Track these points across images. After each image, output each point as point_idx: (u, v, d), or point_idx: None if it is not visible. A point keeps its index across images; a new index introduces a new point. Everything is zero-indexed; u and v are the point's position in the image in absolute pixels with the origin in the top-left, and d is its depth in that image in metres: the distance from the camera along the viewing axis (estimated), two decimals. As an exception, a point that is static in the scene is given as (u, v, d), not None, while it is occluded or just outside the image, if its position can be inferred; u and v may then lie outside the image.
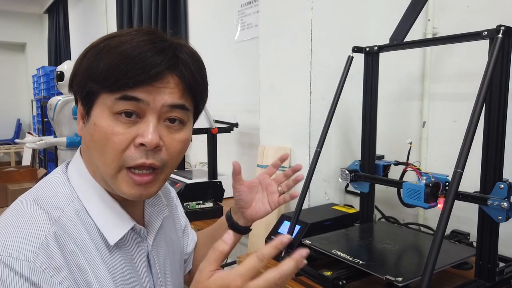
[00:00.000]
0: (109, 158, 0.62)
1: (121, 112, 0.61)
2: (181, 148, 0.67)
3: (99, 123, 0.62)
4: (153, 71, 0.60)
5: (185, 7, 3.04)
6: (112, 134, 0.61)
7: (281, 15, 1.62)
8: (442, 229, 0.84)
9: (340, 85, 1.29)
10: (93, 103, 0.63)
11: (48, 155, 5.48)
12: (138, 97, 0.60)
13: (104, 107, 0.62)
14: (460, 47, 1.33)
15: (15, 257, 0.54)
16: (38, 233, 0.57)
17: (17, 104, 8.32)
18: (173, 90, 0.63)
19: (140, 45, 0.60)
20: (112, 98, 0.61)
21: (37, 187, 0.67)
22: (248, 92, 2.38)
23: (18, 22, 8.03)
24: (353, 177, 1.36)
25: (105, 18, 4.75)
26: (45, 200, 0.63)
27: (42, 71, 5.81)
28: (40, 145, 3.00)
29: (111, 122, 0.61)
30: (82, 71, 0.63)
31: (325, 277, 1.02)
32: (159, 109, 0.62)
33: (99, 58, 0.61)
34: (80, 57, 0.65)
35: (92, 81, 0.62)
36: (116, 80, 0.60)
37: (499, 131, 0.98)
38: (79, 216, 0.64)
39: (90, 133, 0.64)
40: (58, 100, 3.14)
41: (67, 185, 0.66)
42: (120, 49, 0.60)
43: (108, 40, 0.63)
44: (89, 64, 0.62)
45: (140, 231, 0.72)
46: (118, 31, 0.66)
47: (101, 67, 0.60)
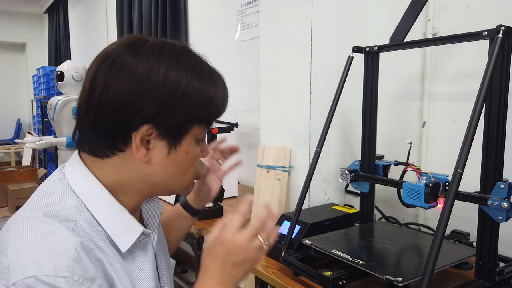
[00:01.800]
0: (191, 176, 0.72)
1: (202, 138, 0.72)
2: None
3: (192, 151, 0.69)
4: (226, 105, 0.75)
5: (185, 7, 3.05)
6: (198, 156, 0.72)
7: (281, 15, 1.62)
8: (442, 229, 0.84)
9: (340, 85, 1.29)
10: (185, 132, 0.67)
11: (48, 155, 5.48)
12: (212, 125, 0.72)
13: (193, 136, 0.68)
14: (460, 47, 1.33)
15: (53, 275, 0.54)
16: (66, 246, 0.58)
17: (17, 104, 8.32)
18: None
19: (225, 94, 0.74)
20: (202, 128, 0.69)
21: (40, 202, 0.64)
22: (248, 92, 2.38)
23: (18, 22, 8.03)
24: (353, 177, 1.36)
25: (105, 18, 4.75)
26: (56, 214, 0.62)
27: (42, 71, 5.81)
28: (40, 145, 3.00)
29: (197, 148, 0.71)
30: (185, 112, 0.65)
31: (325, 277, 1.02)
32: None
33: (213, 90, 0.68)
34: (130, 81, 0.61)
35: (205, 112, 0.68)
36: (210, 116, 0.70)
37: (499, 131, 0.98)
38: (92, 226, 0.64)
39: (179, 160, 0.68)
40: (58, 100, 3.14)
41: (73, 195, 0.65)
42: (220, 97, 0.70)
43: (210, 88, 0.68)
44: (203, 94, 0.66)
45: (146, 232, 0.73)
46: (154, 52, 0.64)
47: (218, 101, 0.70)
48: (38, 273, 0.54)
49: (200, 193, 0.97)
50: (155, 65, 0.62)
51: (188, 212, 0.98)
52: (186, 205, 0.97)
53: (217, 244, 0.67)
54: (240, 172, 2.50)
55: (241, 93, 2.46)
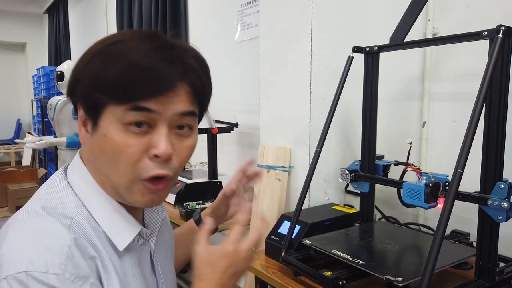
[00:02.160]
0: (123, 170, 0.62)
1: (131, 123, 0.60)
2: (190, 154, 0.67)
3: (110, 135, 0.61)
4: (165, 83, 0.60)
5: (185, 7, 3.04)
6: (125, 146, 0.60)
7: (281, 15, 1.62)
8: (442, 229, 0.84)
9: (340, 85, 1.29)
10: (100, 113, 0.61)
11: (48, 155, 5.48)
12: (149, 107, 0.59)
13: (113, 118, 0.60)
14: (460, 47, 1.33)
15: (45, 271, 0.54)
16: (60, 243, 0.58)
17: (17, 104, 8.32)
18: (183, 98, 0.63)
19: (148, 54, 0.59)
20: (122, 109, 0.59)
21: (40, 196, 0.66)
22: (248, 92, 2.38)
23: (18, 22, 8.03)
24: (353, 177, 1.36)
25: (105, 18, 4.75)
26: (53, 209, 0.62)
27: (42, 71, 5.81)
28: (40, 145, 3.00)
29: (122, 134, 0.60)
30: (87, 79, 0.61)
31: (325, 277, 1.02)
32: (169, 117, 0.62)
33: (106, 67, 0.59)
34: (81, 62, 0.63)
35: (100, 91, 0.60)
36: (128, 91, 0.59)
37: (499, 131, 0.98)
38: (90, 223, 0.64)
39: (100, 144, 0.62)
40: (58, 100, 3.14)
41: (71, 193, 0.66)
42: (128, 58, 0.59)
43: (112, 46, 0.61)
44: (95, 73, 0.60)
45: (144, 233, 0.73)
46: (119, 34, 0.64)
47: (110, 77, 0.59)
48: (29, 268, 0.54)
49: (217, 211, 0.94)
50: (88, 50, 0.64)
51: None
52: (199, 221, 0.95)
53: (220, 256, 0.66)
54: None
55: (241, 93, 2.47)
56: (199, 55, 0.67)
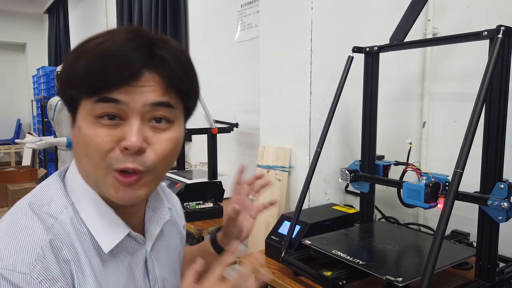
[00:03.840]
0: (95, 160, 0.61)
1: (102, 115, 0.59)
2: (171, 147, 0.64)
3: (83, 128, 0.61)
4: (128, 70, 0.58)
5: (185, 7, 3.04)
6: (95, 135, 0.59)
7: (281, 15, 1.62)
8: (442, 229, 0.84)
9: (340, 85, 1.29)
10: (77, 108, 0.62)
11: (48, 155, 5.48)
12: (116, 98, 0.58)
13: (85, 111, 0.60)
14: (460, 47, 1.33)
15: (11, 269, 0.54)
16: (34, 243, 0.57)
17: (17, 104, 8.32)
18: (154, 88, 0.60)
19: (115, 44, 0.58)
20: (91, 102, 0.59)
21: (32, 193, 0.66)
22: (248, 92, 2.38)
23: (18, 22, 8.03)
24: (353, 177, 1.36)
25: (105, 18, 4.75)
26: (40, 207, 0.62)
27: (42, 71, 5.81)
28: (40, 145, 3.00)
29: (93, 126, 0.60)
30: (63, 77, 0.62)
31: (325, 277, 1.02)
32: (140, 109, 0.60)
33: (75, 63, 0.59)
34: (63, 63, 0.64)
35: (71, 86, 0.61)
36: (92, 83, 0.58)
37: (499, 131, 0.98)
38: (73, 224, 0.63)
39: (77, 137, 0.63)
40: (58, 100, 3.14)
41: (62, 191, 0.66)
42: (95, 51, 0.58)
43: (87, 43, 0.61)
44: (67, 70, 0.61)
45: (137, 237, 0.71)
46: (100, 33, 0.63)
47: (77, 72, 0.59)
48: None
49: (229, 235, 0.93)
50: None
51: (216, 251, 0.93)
52: (214, 243, 0.94)
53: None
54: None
55: (241, 93, 2.46)
56: (177, 47, 0.64)
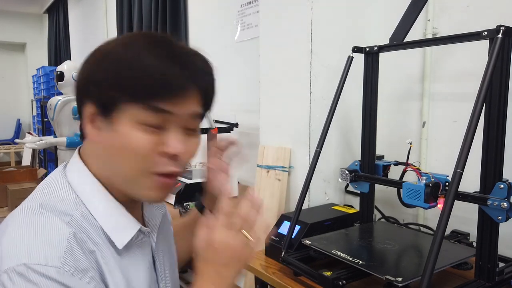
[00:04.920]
0: (134, 163, 0.63)
1: (145, 121, 0.62)
2: (196, 151, 0.70)
3: (124, 131, 0.62)
4: (178, 86, 0.62)
5: (185, 7, 3.04)
6: (136, 140, 0.62)
7: (281, 15, 1.62)
8: (442, 229, 0.84)
9: (340, 85, 1.29)
10: (113, 111, 0.63)
11: (48, 155, 5.48)
12: (163, 108, 0.62)
13: (128, 115, 0.62)
14: (460, 47, 1.33)
15: (44, 264, 0.55)
16: (59, 237, 0.59)
17: (17, 104, 8.32)
18: (194, 100, 0.65)
19: (163, 57, 0.62)
20: (137, 108, 0.62)
21: (39, 193, 0.66)
22: (248, 92, 2.38)
23: (18, 22, 8.03)
24: (353, 177, 1.36)
25: (105, 18, 4.75)
26: (52, 206, 0.63)
27: (42, 71, 5.81)
28: (40, 145, 3.00)
29: (135, 130, 0.62)
30: (100, 78, 0.63)
31: (325, 277, 1.02)
32: (184, 119, 0.65)
33: (121, 68, 0.62)
34: (91, 63, 0.65)
35: (116, 90, 0.62)
36: (145, 92, 0.61)
37: (499, 131, 0.98)
38: (88, 220, 0.64)
39: (112, 140, 0.64)
40: (58, 100, 3.14)
41: (70, 191, 0.67)
42: (145, 62, 0.61)
43: (126, 49, 0.63)
44: (112, 72, 0.62)
45: (144, 230, 0.73)
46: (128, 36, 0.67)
47: (127, 77, 0.61)
48: (29, 261, 0.55)
49: (213, 199, 0.94)
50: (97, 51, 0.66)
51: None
52: (201, 209, 0.95)
53: (206, 247, 0.66)
54: (240, 172, 2.50)
55: (241, 93, 2.46)
56: (206, 59, 0.70)
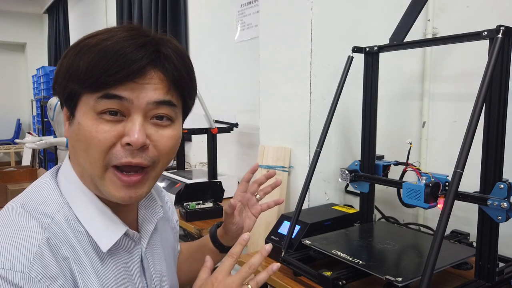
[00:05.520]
0: (95, 157, 0.60)
1: (105, 111, 0.59)
2: (171, 144, 0.65)
3: (83, 122, 0.60)
4: (133, 67, 0.58)
5: (185, 7, 3.04)
6: (96, 132, 0.59)
7: (281, 15, 1.62)
8: (442, 229, 0.84)
9: (340, 85, 1.29)
10: (76, 104, 0.61)
11: (48, 155, 5.48)
12: (120, 95, 0.58)
13: (87, 107, 0.60)
14: (460, 47, 1.33)
15: (9, 268, 0.53)
16: (31, 242, 0.56)
17: (17, 104, 8.32)
18: (157, 86, 0.61)
19: (119, 41, 0.58)
20: (94, 98, 0.59)
21: (24, 194, 0.65)
22: (248, 92, 2.38)
23: (18, 22, 8.03)
24: (353, 177, 1.36)
25: (105, 18, 4.75)
26: (34, 206, 0.61)
27: (42, 71, 5.81)
28: (40, 145, 3.00)
29: (95, 121, 0.59)
30: (62, 72, 0.61)
31: (325, 277, 1.02)
32: (144, 106, 0.60)
33: (78, 57, 0.59)
34: (61, 58, 0.63)
35: (73, 81, 0.60)
36: (96, 79, 0.57)
37: (499, 131, 0.98)
38: (69, 223, 0.62)
39: (75, 133, 0.62)
40: (58, 100, 3.14)
41: (56, 191, 0.65)
42: (99, 47, 0.58)
43: (88, 39, 0.61)
44: (69, 64, 0.60)
45: (133, 236, 0.71)
46: (100, 30, 0.63)
47: (81, 66, 0.58)
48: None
49: (229, 232, 0.92)
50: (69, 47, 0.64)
51: (216, 247, 0.94)
52: (214, 239, 0.94)
53: (206, 285, 0.66)
54: (240, 172, 2.50)
55: (241, 93, 2.46)
56: (178, 46, 0.65)
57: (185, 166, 2.61)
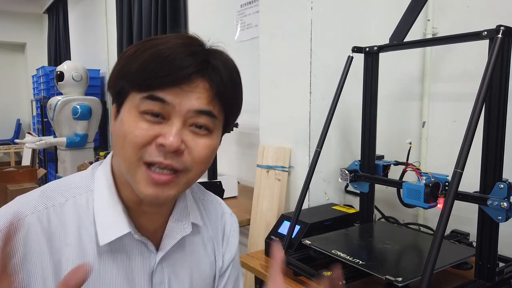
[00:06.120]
0: (129, 151, 0.62)
1: (147, 112, 0.61)
2: (206, 154, 0.65)
3: (125, 118, 0.63)
4: (181, 73, 0.60)
5: (185, 7, 3.04)
6: (135, 128, 0.61)
7: (281, 15, 1.62)
8: (442, 229, 0.84)
9: (340, 85, 1.29)
10: (123, 101, 0.64)
11: (48, 155, 5.47)
12: (164, 98, 0.60)
13: (132, 105, 0.62)
14: (460, 47, 1.33)
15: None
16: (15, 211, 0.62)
17: (17, 104, 8.31)
18: (201, 95, 0.62)
19: (173, 47, 0.61)
20: (139, 97, 0.61)
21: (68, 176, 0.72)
22: (248, 92, 2.36)
23: (18, 22, 8.03)
24: (353, 177, 1.36)
25: (105, 18, 4.75)
26: (59, 186, 0.67)
27: (42, 71, 5.80)
28: (40, 145, 3.01)
29: (136, 118, 0.62)
30: (117, 70, 0.65)
31: (325, 277, 1.02)
32: (184, 113, 0.62)
33: (133, 58, 0.62)
34: (120, 56, 0.67)
35: (124, 79, 0.63)
36: (145, 79, 0.60)
37: (499, 131, 0.98)
38: (83, 210, 0.66)
39: (117, 129, 0.65)
40: (58, 100, 3.14)
41: (88, 180, 0.69)
42: (153, 50, 0.61)
43: (146, 42, 0.64)
44: (123, 64, 0.63)
45: (146, 243, 0.69)
46: (159, 35, 0.66)
47: (133, 67, 0.61)
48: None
49: None
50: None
51: None
52: None
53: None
54: (240, 172, 2.50)
55: (241, 93, 2.46)
56: (229, 59, 0.67)
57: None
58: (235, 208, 1.94)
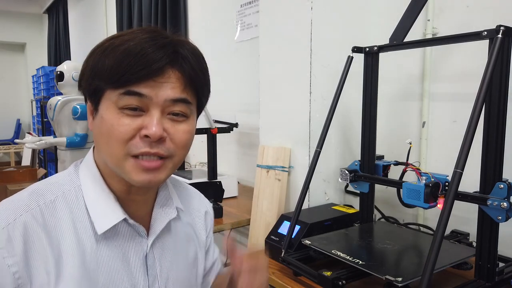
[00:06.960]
0: (115, 147, 0.65)
1: (126, 107, 0.64)
2: (186, 138, 0.70)
3: (106, 116, 0.65)
4: (154, 67, 0.63)
5: (185, 7, 3.04)
6: (118, 124, 0.64)
7: (281, 15, 1.62)
8: (442, 229, 0.84)
9: (340, 85, 1.29)
10: (100, 99, 0.67)
11: (48, 155, 5.47)
12: (141, 92, 0.63)
13: (110, 102, 0.65)
14: (460, 47, 1.33)
15: None
16: (8, 216, 0.63)
17: (17, 104, 8.32)
18: (175, 84, 0.66)
19: (142, 42, 0.64)
20: (116, 94, 0.64)
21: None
22: (248, 92, 2.38)
23: (18, 22, 8.03)
24: (353, 177, 1.36)
25: (105, 18, 4.75)
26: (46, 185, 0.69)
27: (42, 71, 5.80)
28: (40, 145, 3.00)
29: (117, 115, 0.65)
30: (88, 69, 0.67)
31: (325, 277, 1.02)
32: (162, 103, 0.65)
33: (104, 56, 0.64)
34: (87, 57, 0.69)
35: (98, 78, 0.65)
36: (120, 76, 0.63)
37: (499, 131, 0.98)
38: (73, 204, 0.68)
39: (98, 126, 0.67)
40: (58, 100, 3.14)
41: (74, 175, 0.72)
42: (123, 47, 0.63)
43: (113, 40, 0.66)
44: (95, 63, 0.66)
45: (138, 228, 0.73)
46: (123, 31, 0.69)
47: (106, 65, 0.64)
48: None
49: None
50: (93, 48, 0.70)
51: None
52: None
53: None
54: (240, 172, 2.50)
55: (241, 93, 2.46)
56: (194, 47, 0.70)
57: (185, 166, 2.61)
58: (235, 208, 1.95)
